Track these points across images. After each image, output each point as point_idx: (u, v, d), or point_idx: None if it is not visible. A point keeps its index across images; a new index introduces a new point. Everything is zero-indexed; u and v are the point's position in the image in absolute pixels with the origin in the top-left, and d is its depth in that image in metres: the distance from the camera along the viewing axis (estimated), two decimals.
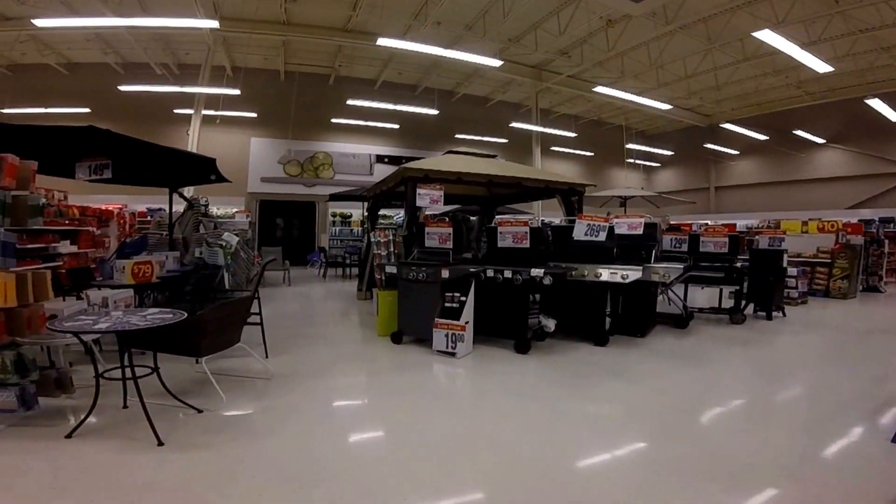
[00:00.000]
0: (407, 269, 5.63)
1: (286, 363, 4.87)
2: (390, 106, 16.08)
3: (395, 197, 9.64)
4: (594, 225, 5.37)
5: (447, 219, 6.05)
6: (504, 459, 2.88)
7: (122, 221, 12.03)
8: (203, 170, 6.59)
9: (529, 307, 5.17)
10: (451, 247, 5.86)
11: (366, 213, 9.45)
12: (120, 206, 13.56)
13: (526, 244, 5.59)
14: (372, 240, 7.08)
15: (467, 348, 5.10)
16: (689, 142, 22.75)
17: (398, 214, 17.49)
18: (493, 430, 3.33)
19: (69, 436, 2.98)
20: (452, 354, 5.03)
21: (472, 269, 5.28)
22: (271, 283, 11.51)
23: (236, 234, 8.55)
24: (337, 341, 6.01)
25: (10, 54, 14.50)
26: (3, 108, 14.47)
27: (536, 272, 4.92)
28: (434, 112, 16.35)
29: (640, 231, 5.60)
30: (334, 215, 17.11)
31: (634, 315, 5.78)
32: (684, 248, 6.71)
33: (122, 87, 13.73)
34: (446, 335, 5.07)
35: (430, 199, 6.53)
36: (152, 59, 14.79)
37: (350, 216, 17.22)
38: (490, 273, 5.30)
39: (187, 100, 14.28)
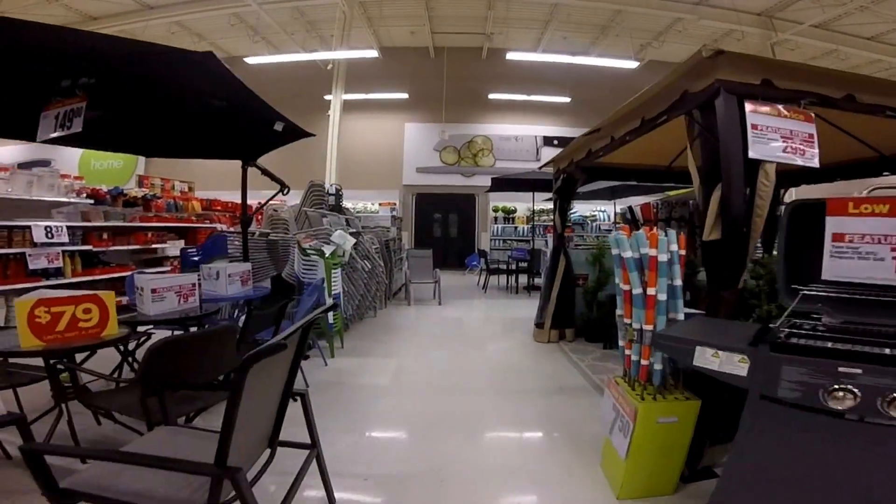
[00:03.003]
0: (835, 378, 1.32)
1: None
2: (567, 58, 11.57)
3: (605, 173, 5.25)
4: None
5: None
6: None
7: (259, 217, 9.83)
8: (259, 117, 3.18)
9: None
10: None
11: (553, 201, 5.20)
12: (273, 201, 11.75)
13: None
14: (624, 253, 2.58)
15: None
16: None
17: (572, 208, 12.98)
18: None
19: None
20: None
21: None
22: (419, 299, 8.07)
23: (354, 233, 5.17)
24: None
25: None
26: None
27: None
28: (632, 64, 11.36)
29: None
30: (496, 210, 13.30)
31: None
32: None
33: (249, 60, 11.86)
34: None
35: (782, 142, 2.11)
36: (299, 43, 12.74)
37: (514, 211, 13.23)
38: None
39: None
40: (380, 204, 10.09)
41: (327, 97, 12.34)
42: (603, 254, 4.90)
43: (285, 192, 4.63)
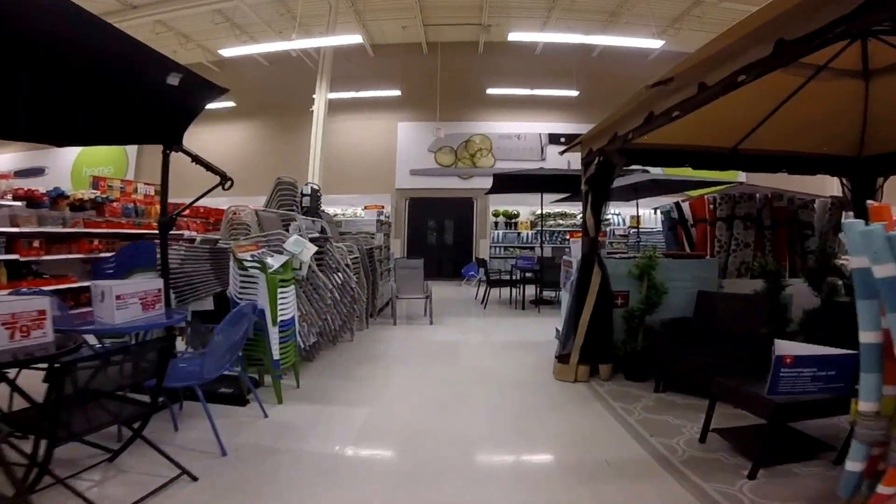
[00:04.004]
0: None
1: None
2: (579, 37, 10.38)
3: (648, 157, 4.03)
4: None
5: None
6: None
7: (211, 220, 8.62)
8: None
9: None
10: None
11: (583, 195, 3.84)
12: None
13: None
14: None
15: None
16: None
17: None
18: None
19: None
20: None
21: None
22: (410, 316, 6.82)
23: (318, 239, 3.94)
24: None
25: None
26: None
27: None
28: (657, 43, 10.22)
29: None
30: (496, 214, 12.08)
31: None
32: None
33: (223, 52, 10.72)
34: None
35: None
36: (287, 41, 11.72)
37: (517, 215, 12.02)
38: None
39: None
40: (364, 207, 8.81)
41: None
42: (653, 264, 3.66)
43: (226, 185, 3.47)
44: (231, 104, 13.03)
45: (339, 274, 4.02)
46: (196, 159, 3.26)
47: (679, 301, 3.85)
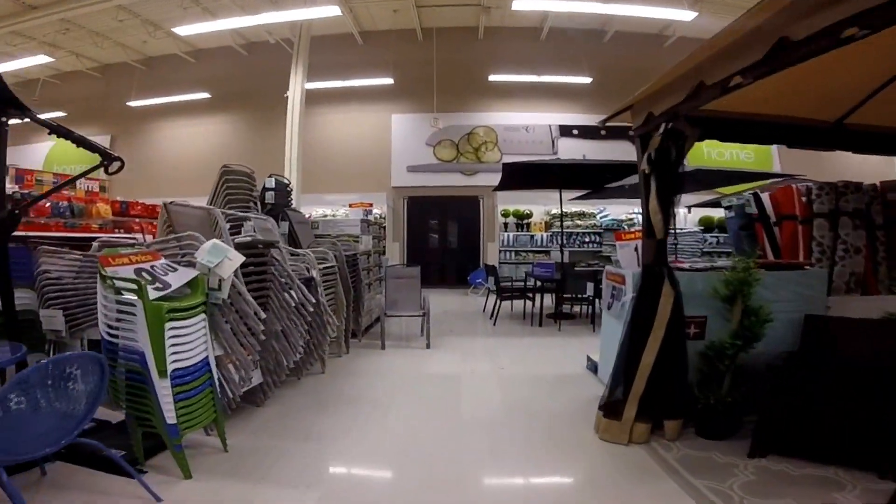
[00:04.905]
0: None
1: None
2: (598, 6, 9.15)
3: (727, 128, 2.89)
4: None
5: None
6: None
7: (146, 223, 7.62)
8: None
9: None
10: None
11: (642, 178, 2.71)
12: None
13: None
14: None
15: None
16: None
17: (601, 210, 10.72)
18: None
19: None
20: None
21: None
22: (403, 337, 5.72)
23: (252, 245, 2.85)
24: None
25: (131, 43, 11.87)
26: (130, 101, 12.43)
27: None
28: (689, 15, 9.10)
29: None
30: (505, 214, 10.94)
31: None
32: None
33: (178, 30, 9.70)
34: None
35: None
36: (267, 29, 10.69)
37: (529, 215, 10.88)
38: None
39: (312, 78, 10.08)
40: (350, 205, 7.67)
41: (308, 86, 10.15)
42: (751, 279, 2.53)
43: (111, 168, 2.43)
44: (206, 95, 12.11)
45: (293, 292, 2.95)
46: (57, 131, 2.20)
47: (774, 327, 2.74)
